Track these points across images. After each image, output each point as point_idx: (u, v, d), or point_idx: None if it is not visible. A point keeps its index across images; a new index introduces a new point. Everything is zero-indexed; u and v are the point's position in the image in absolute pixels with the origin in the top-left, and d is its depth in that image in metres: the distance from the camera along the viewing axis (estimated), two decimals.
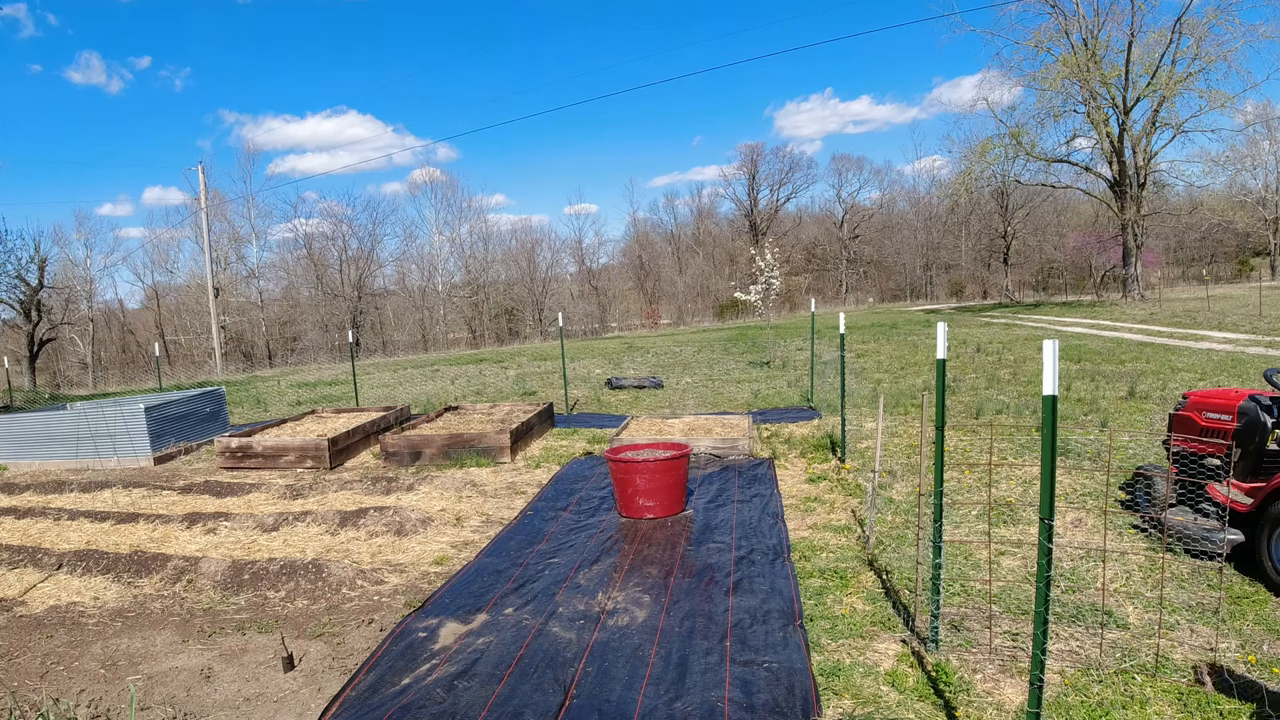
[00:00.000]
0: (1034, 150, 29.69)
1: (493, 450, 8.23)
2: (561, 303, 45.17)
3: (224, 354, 33.56)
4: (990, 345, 15.97)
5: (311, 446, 8.50)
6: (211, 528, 6.15)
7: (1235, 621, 3.68)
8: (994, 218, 47.40)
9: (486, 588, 4.69)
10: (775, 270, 16.38)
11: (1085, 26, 27.06)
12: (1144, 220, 29.23)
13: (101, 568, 5.29)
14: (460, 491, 6.99)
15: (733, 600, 4.28)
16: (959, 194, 32.12)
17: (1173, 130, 27.27)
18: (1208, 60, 25.35)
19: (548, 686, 3.42)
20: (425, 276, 47.52)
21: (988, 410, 8.99)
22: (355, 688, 3.54)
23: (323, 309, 42.62)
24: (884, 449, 7.25)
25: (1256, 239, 44.27)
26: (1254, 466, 4.51)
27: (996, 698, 3.15)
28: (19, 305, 32.52)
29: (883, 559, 4.74)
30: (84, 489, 7.97)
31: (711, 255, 52.31)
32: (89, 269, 41.68)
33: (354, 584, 4.84)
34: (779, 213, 57.04)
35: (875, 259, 54.75)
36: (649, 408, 11.30)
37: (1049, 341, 2.15)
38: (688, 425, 8.81)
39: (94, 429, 9.29)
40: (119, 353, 42.36)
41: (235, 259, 42.10)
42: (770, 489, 6.50)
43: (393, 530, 5.85)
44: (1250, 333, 15.83)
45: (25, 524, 6.68)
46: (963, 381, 11.24)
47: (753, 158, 56.54)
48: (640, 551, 5.18)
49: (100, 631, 4.38)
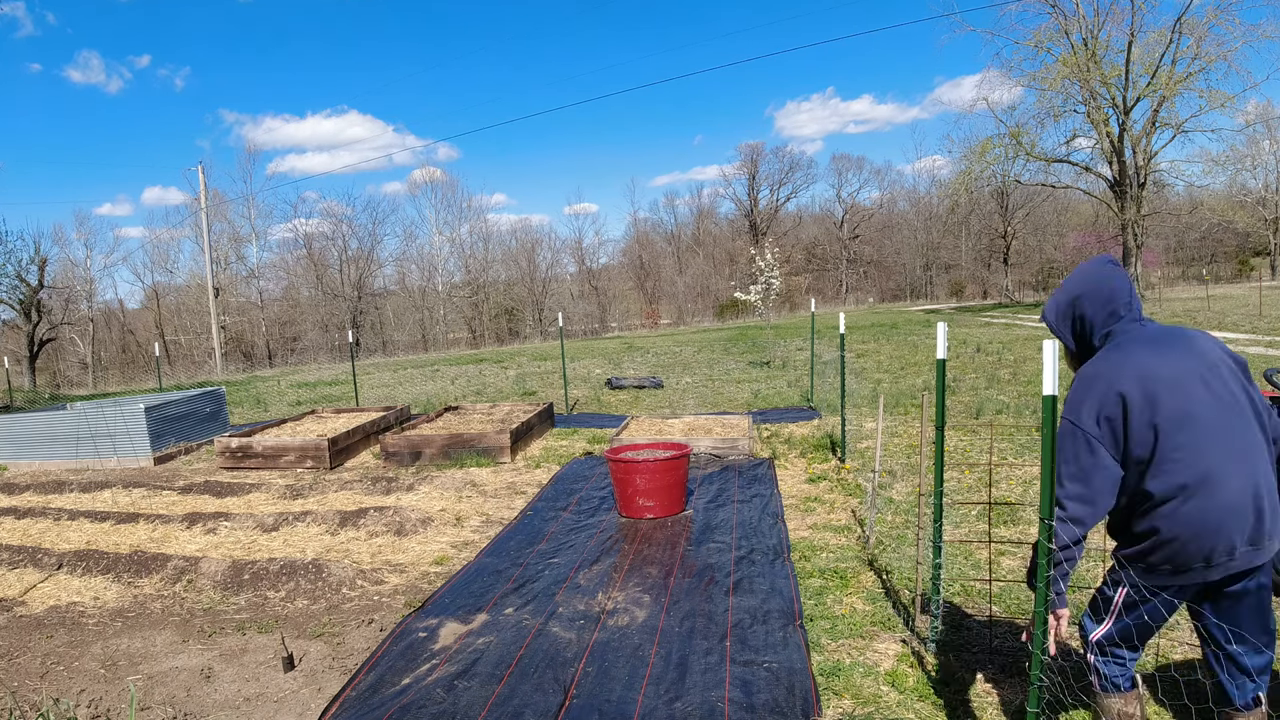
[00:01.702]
0: (1034, 150, 29.70)
1: (493, 450, 8.23)
2: (561, 303, 45.19)
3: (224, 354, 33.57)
4: (990, 345, 15.98)
5: (311, 446, 8.50)
6: (211, 528, 6.15)
7: None
8: (994, 218, 47.43)
9: (486, 588, 4.69)
10: (775, 270, 16.38)
11: (1085, 26, 27.07)
12: (1144, 220, 29.24)
13: (101, 568, 5.29)
14: (460, 491, 6.99)
15: (733, 600, 4.28)
16: (959, 194, 32.13)
17: (1173, 130, 27.29)
18: (1208, 60, 25.36)
19: (548, 686, 3.42)
20: (425, 276, 47.57)
21: (988, 410, 8.99)
22: (355, 688, 3.54)
23: (323, 309, 42.64)
24: (884, 449, 7.26)
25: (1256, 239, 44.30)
26: None
27: (997, 698, 3.15)
28: (19, 305, 32.52)
29: (883, 559, 4.74)
30: (84, 489, 7.98)
31: (711, 255, 52.33)
32: (89, 269, 41.74)
33: (354, 584, 4.84)
34: (779, 213, 57.08)
35: (875, 259, 54.77)
36: (649, 408, 11.31)
37: (1049, 341, 2.15)
38: (688, 425, 8.81)
39: (94, 429, 9.29)
40: (119, 353, 42.37)
41: (235, 259, 42.15)
42: (770, 489, 6.50)
43: (393, 530, 5.85)
44: (1250, 332, 15.84)
45: (25, 524, 6.68)
46: (963, 381, 11.24)
47: (753, 157, 56.62)
48: (640, 551, 5.18)
49: (100, 631, 4.38)
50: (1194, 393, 2.17)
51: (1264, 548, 2.16)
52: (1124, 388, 2.19)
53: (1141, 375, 2.19)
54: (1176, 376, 2.19)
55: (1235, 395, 2.21)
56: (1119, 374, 2.22)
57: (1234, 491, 2.12)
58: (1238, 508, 2.12)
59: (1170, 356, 2.23)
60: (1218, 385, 2.20)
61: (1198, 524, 2.13)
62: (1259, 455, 2.19)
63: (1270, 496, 2.17)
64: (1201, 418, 2.15)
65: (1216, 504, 2.12)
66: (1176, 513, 2.15)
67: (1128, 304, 2.34)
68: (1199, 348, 2.26)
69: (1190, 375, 2.20)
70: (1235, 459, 2.14)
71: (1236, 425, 2.18)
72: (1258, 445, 2.20)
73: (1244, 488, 2.13)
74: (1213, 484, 2.12)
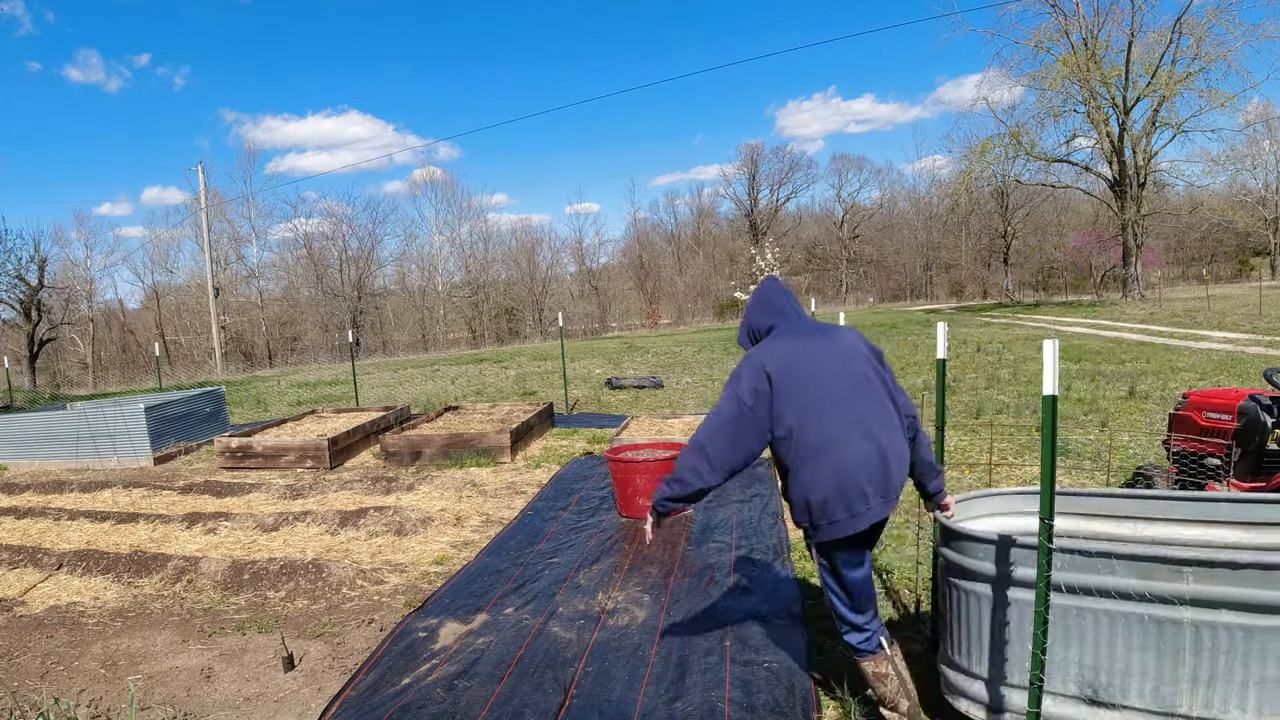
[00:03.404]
0: (1034, 150, 29.71)
1: (493, 450, 8.23)
2: (561, 303, 45.18)
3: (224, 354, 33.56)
4: (990, 345, 15.97)
5: (311, 446, 8.50)
6: (211, 528, 6.15)
7: None
8: (994, 218, 47.41)
9: (486, 588, 4.69)
10: (775, 270, 16.38)
11: (1085, 26, 27.08)
12: (1144, 220, 29.23)
13: (102, 568, 5.29)
14: (460, 491, 6.99)
15: (733, 600, 4.28)
16: (959, 194, 32.14)
17: (1173, 130, 27.30)
18: (1208, 60, 25.38)
19: (548, 686, 3.42)
20: (425, 276, 47.55)
21: (988, 410, 8.99)
22: (355, 687, 3.54)
23: (323, 309, 42.62)
24: None
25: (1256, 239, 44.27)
26: (1254, 466, 4.50)
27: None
28: (19, 305, 32.53)
29: (883, 559, 4.74)
30: (84, 489, 7.98)
31: (712, 255, 52.30)
32: (89, 269, 41.73)
33: (354, 584, 4.84)
34: (779, 213, 57.04)
35: (875, 259, 54.74)
36: (649, 408, 11.30)
37: (1049, 341, 2.15)
38: (688, 425, 8.81)
39: (94, 429, 9.29)
40: (119, 353, 42.34)
41: (235, 259, 42.12)
42: (770, 489, 6.50)
43: (393, 530, 5.85)
44: (1250, 332, 15.83)
45: (25, 524, 6.68)
46: (963, 381, 11.24)
47: (753, 157, 56.58)
48: (640, 551, 5.18)
49: (100, 631, 4.38)
50: (828, 372, 2.58)
51: (893, 500, 2.59)
52: (770, 367, 2.57)
53: (786, 357, 2.60)
54: (815, 359, 2.60)
55: (869, 377, 2.63)
56: (769, 356, 2.61)
57: (861, 452, 2.52)
58: (866, 464, 2.51)
59: (813, 345, 2.64)
60: (852, 368, 2.61)
61: (833, 479, 2.51)
62: (888, 425, 2.60)
63: (897, 457, 2.59)
64: (833, 392, 2.56)
65: (846, 462, 2.51)
66: (816, 472, 2.53)
67: (783, 309, 2.76)
68: (839, 337, 2.70)
69: (828, 358, 2.61)
70: (862, 426, 2.54)
71: (866, 399, 2.59)
72: (887, 417, 2.61)
73: (870, 449, 2.52)
74: (840, 445, 2.51)
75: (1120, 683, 2.40)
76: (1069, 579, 2.42)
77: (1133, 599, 2.34)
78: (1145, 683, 2.37)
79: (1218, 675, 2.27)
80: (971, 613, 2.68)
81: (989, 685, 2.66)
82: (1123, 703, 2.41)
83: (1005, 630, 2.57)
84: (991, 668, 2.64)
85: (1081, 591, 2.42)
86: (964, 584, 2.69)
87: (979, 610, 2.65)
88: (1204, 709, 2.30)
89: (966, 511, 3.10)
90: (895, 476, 2.59)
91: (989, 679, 2.65)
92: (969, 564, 2.65)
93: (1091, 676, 2.44)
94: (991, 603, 2.60)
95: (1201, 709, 2.30)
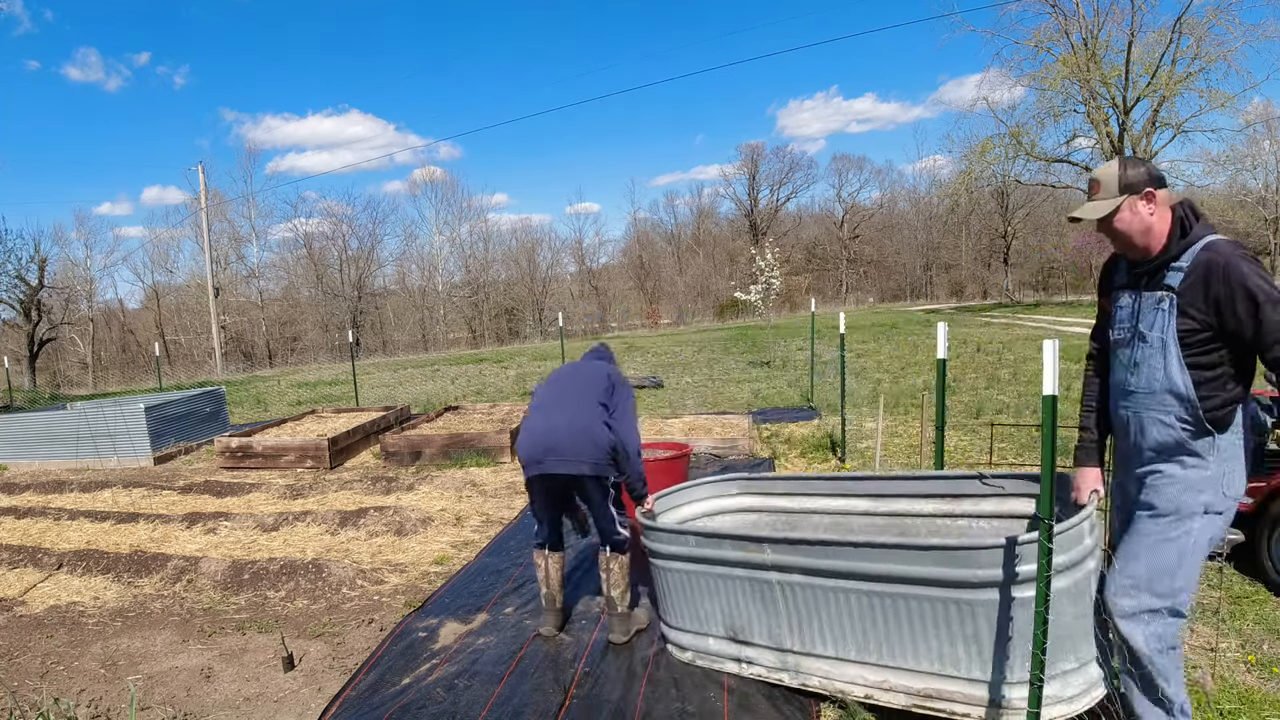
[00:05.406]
0: (1034, 150, 29.70)
1: (493, 450, 8.23)
2: (562, 302, 45.20)
3: (224, 354, 33.56)
4: (990, 345, 15.97)
5: (311, 446, 8.50)
6: (211, 527, 6.15)
7: (1235, 621, 3.68)
8: (994, 218, 47.38)
9: (486, 587, 4.69)
10: (775, 270, 16.40)
11: (1085, 26, 27.07)
12: None
13: (101, 567, 5.29)
14: (460, 491, 6.99)
15: None
16: (959, 194, 32.14)
17: (1173, 130, 27.29)
18: (1208, 60, 25.35)
19: (548, 686, 3.42)
20: (425, 276, 47.55)
21: (988, 410, 8.99)
22: (355, 687, 3.54)
23: (323, 309, 42.64)
24: (884, 449, 7.26)
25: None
26: (1254, 466, 4.50)
27: None
28: (19, 305, 32.53)
29: None
30: (84, 489, 7.98)
31: (712, 255, 52.31)
32: (89, 269, 41.71)
33: (354, 584, 4.84)
34: (779, 212, 57.02)
35: (875, 259, 54.74)
36: (649, 407, 11.30)
37: (1049, 341, 2.15)
38: (688, 425, 8.81)
39: (94, 429, 9.29)
40: (119, 353, 42.36)
41: (235, 259, 42.12)
42: None
43: (393, 530, 5.85)
44: None
45: (25, 524, 6.68)
46: (963, 381, 11.24)
47: (753, 157, 56.52)
48: (640, 550, 5.16)
49: (100, 631, 4.38)
50: (563, 381, 3.84)
51: (567, 458, 3.53)
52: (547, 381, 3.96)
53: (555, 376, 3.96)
54: (561, 374, 3.94)
55: (590, 387, 3.72)
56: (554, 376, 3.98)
57: (545, 428, 3.61)
58: (550, 432, 3.58)
59: (568, 368, 4.01)
60: (579, 379, 3.80)
61: (528, 439, 3.64)
62: (585, 414, 3.60)
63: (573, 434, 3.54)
64: (559, 392, 3.76)
65: (537, 428, 3.63)
66: (522, 432, 3.72)
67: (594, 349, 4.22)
68: (583, 366, 3.95)
69: (569, 374, 3.91)
70: (561, 411, 3.63)
71: (575, 398, 3.68)
72: (588, 409, 3.62)
73: (555, 425, 3.58)
74: (536, 419, 3.67)
75: (748, 625, 3.26)
76: (703, 553, 3.29)
77: (741, 567, 3.17)
78: (762, 626, 3.22)
79: (803, 621, 3.08)
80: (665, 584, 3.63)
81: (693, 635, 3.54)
82: (753, 641, 3.27)
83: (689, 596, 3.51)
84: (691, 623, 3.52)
85: (715, 562, 3.26)
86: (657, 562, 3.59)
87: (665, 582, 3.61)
88: (801, 645, 3.11)
89: (687, 497, 4.10)
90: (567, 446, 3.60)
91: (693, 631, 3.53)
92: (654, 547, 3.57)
93: (729, 622, 3.32)
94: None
95: (799, 645, 3.12)
